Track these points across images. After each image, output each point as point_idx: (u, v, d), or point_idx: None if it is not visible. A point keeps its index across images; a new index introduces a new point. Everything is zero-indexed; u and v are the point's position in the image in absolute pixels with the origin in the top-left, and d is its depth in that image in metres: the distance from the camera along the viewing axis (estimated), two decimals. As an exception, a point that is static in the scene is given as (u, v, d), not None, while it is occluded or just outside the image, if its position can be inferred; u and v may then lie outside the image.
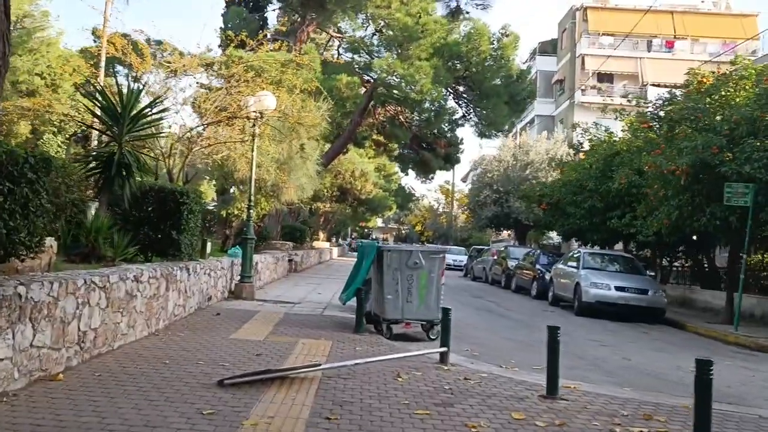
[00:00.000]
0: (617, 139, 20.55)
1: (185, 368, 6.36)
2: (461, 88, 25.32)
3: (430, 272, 10.07)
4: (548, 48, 61.58)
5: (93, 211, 9.01)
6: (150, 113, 9.73)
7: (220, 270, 12.29)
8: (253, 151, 12.99)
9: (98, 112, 9.59)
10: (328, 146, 23.07)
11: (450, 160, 32.09)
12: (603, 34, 54.13)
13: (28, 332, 5.10)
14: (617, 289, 15.60)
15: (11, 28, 3.90)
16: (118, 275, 7.00)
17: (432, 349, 7.97)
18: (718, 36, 52.90)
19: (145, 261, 10.09)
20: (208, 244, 11.89)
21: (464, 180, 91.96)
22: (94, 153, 9.66)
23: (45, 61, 26.64)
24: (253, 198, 13.48)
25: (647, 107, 19.19)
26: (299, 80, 14.34)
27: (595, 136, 22.35)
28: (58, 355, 5.66)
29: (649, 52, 54.62)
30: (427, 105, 24.90)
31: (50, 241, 6.84)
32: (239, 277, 13.39)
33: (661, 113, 16.62)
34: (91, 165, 9.34)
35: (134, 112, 9.33)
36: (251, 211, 13.46)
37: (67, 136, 24.33)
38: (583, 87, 51.90)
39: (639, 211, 16.65)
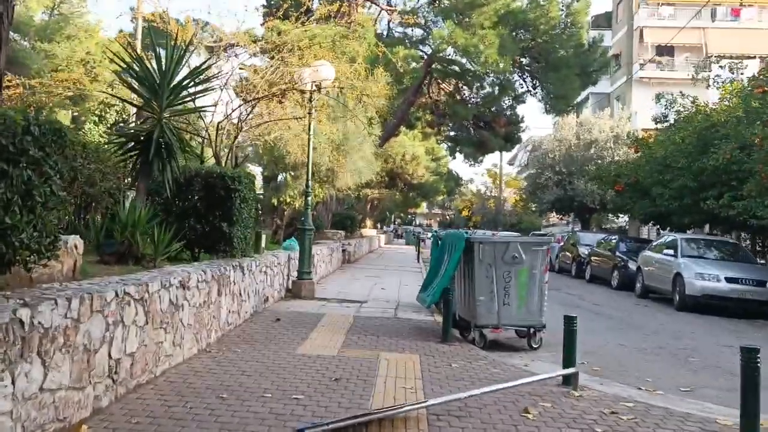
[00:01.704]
0: (713, 108, 18.41)
1: (249, 406, 4.88)
2: (525, 61, 23.39)
3: (532, 268, 8.43)
4: (602, 22, 58.71)
5: (130, 202, 7.60)
6: (193, 84, 8.25)
7: (277, 266, 10.86)
8: (309, 129, 11.48)
9: (135, 85, 8.17)
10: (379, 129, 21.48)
11: (511, 140, 30.20)
12: (662, 4, 51.26)
13: (35, 372, 3.66)
14: (728, 280, 13.68)
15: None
16: (160, 282, 5.55)
17: (557, 371, 6.34)
18: (789, 1, 49.68)
19: (191, 259, 8.72)
20: (263, 237, 10.46)
21: (511, 163, 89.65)
22: (131, 131, 8.25)
23: (83, 48, 25.57)
24: (311, 183, 11.99)
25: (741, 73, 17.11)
26: (362, 47, 12.74)
27: (683, 106, 20.22)
28: (81, 396, 4.22)
29: (713, 21, 51.46)
30: (490, 79, 23.10)
31: (74, 240, 5.41)
32: (297, 273, 11.97)
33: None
34: (127, 146, 7.92)
35: (175, 81, 7.87)
36: (309, 198, 11.98)
37: (108, 124, 23.30)
38: (642, 61, 49.19)
39: (747, 189, 14.64)
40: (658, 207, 19.38)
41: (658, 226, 24.60)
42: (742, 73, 19.08)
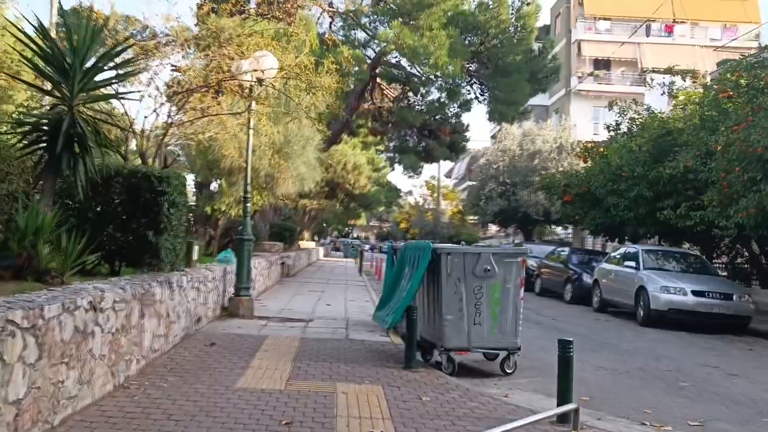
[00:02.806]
0: (669, 116, 18.04)
1: (176, 468, 3.73)
2: (473, 67, 22.70)
3: (505, 282, 7.51)
4: (540, 35, 59.15)
5: (31, 205, 6.30)
6: (113, 66, 7.01)
7: (211, 281, 9.63)
8: (249, 126, 10.33)
9: (41, 64, 6.86)
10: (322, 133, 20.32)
11: (455, 149, 29.46)
12: (599, 18, 52.09)
13: None
14: (695, 293, 13.10)
15: None
16: (62, 304, 4.34)
17: (552, 409, 5.37)
18: (719, 20, 51.24)
19: (110, 274, 7.46)
20: (195, 248, 9.23)
21: (448, 175, 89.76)
22: (34, 119, 6.92)
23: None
24: (249, 188, 10.81)
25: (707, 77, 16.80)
26: (310, 35, 11.62)
27: (637, 113, 19.83)
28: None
29: (647, 36, 52.45)
30: (438, 83, 22.29)
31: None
32: (234, 289, 10.75)
33: (741, 81, 14.13)
34: (30, 137, 6.61)
35: (91, 61, 6.62)
36: (248, 204, 10.80)
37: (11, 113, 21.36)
38: (580, 74, 49.72)
39: (708, 199, 14.18)
40: (612, 217, 18.88)
41: (607, 238, 24.25)
42: (694, 81, 18.87)
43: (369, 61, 22.30)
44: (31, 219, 5.92)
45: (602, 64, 51.93)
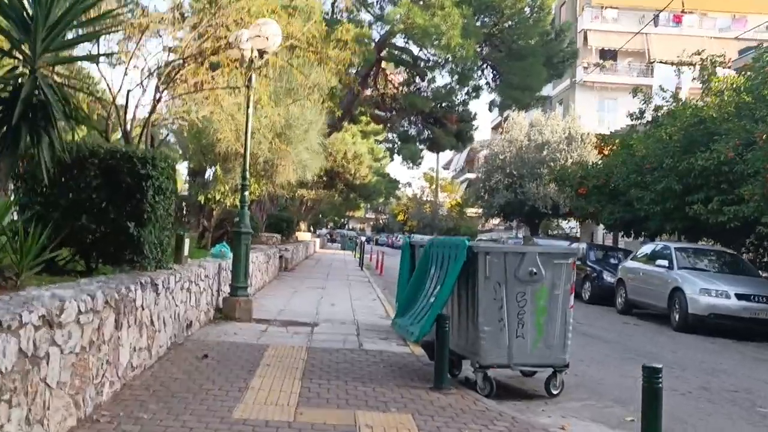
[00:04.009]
0: (703, 104, 16.88)
1: None
2: (485, 51, 21.52)
3: (554, 288, 6.40)
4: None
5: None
6: (85, 23, 5.83)
7: (204, 280, 8.49)
8: (248, 104, 9.17)
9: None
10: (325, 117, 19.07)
11: (462, 138, 28.28)
12: (606, 7, 51.03)
13: None
14: (739, 297, 12.00)
15: None
16: (-2, 322, 3.21)
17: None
18: (728, 10, 50.30)
19: (87, 272, 6.33)
20: (186, 242, 8.07)
21: (446, 167, 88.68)
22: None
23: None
24: (248, 174, 9.67)
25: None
26: (317, 5, 10.42)
27: (666, 100, 18.68)
28: None
29: (655, 27, 51.30)
30: (449, 67, 21.11)
31: None
32: (229, 288, 9.61)
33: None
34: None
35: (58, 12, 5.46)
36: (246, 192, 9.65)
37: None
38: (586, 65, 48.59)
39: (748, 193, 13.07)
40: (635, 211, 17.76)
41: (622, 233, 23.13)
42: (727, 68, 17.74)
43: (375, 42, 21.11)
44: (-23, 206, 4.77)
45: (609, 55, 50.81)
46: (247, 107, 9.14)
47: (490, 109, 33.34)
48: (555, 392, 6.53)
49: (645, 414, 4.28)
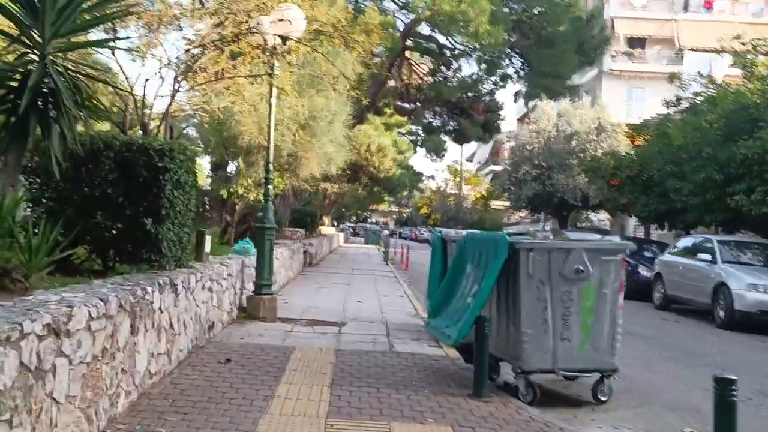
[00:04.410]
0: (747, 89, 16.17)
1: None
2: (514, 38, 20.94)
3: (602, 286, 5.96)
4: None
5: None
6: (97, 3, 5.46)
7: (227, 278, 8.15)
8: (271, 94, 8.80)
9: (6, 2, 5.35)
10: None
11: (489, 129, 27.70)
12: (634, -7, 50.01)
13: None
14: (789, 293, 11.43)
15: None
16: (-6, 333, 2.86)
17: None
18: (761, -6, 49.02)
19: (102, 271, 6.02)
20: (207, 239, 7.72)
21: (470, 160, 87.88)
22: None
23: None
24: (271, 167, 9.30)
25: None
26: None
27: (707, 86, 17.99)
28: None
29: (685, 13, 50.20)
30: (476, 55, 20.57)
31: None
32: (253, 286, 9.27)
33: None
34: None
35: (66, -3, 5.10)
36: (269, 186, 9.29)
37: None
38: (614, 53, 47.54)
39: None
40: (672, 203, 17.14)
41: (655, 225, 22.47)
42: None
43: (400, 31, 20.64)
44: (-18, 202, 4.45)
45: (637, 43, 49.78)
46: (270, 96, 8.77)
47: (515, 100, 32.71)
48: (603, 399, 6.09)
49: (718, 431, 3.82)
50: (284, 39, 8.79)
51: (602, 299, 5.95)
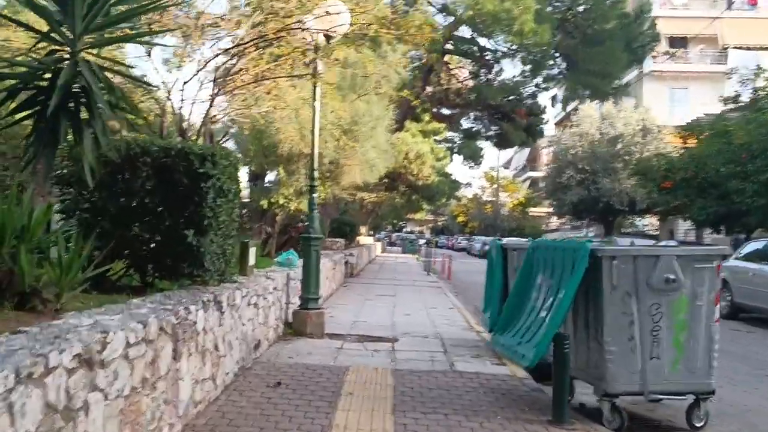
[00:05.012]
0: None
1: None
2: (558, 37, 20.23)
3: (695, 297, 5.31)
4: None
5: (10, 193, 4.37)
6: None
7: (273, 293, 7.65)
8: (314, 95, 8.31)
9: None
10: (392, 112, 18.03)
11: (532, 133, 26.97)
12: (677, -7, 48.93)
13: None
14: None
15: None
16: (14, 368, 2.36)
17: None
18: (807, -9, 47.64)
19: (141, 287, 5.58)
20: (252, 251, 7.24)
21: (506, 166, 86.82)
22: (22, 68, 4.90)
23: None
24: (316, 174, 8.80)
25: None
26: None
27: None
28: None
29: (729, 10, 48.84)
30: (521, 56, 19.91)
31: None
32: (299, 300, 8.76)
33: None
34: (18, 96, 4.69)
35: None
36: (314, 195, 8.79)
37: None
38: (655, 54, 46.32)
39: None
40: (734, 205, 16.25)
41: (711, 230, 21.50)
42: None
43: (442, 32, 20.09)
44: (8, 215, 3.99)
45: (678, 43, 48.61)
46: (314, 97, 8.27)
47: (553, 104, 31.99)
48: (699, 425, 5.42)
49: None
50: (328, 37, 8.32)
51: (696, 312, 5.29)
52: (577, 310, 5.61)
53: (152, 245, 5.65)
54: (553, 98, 26.79)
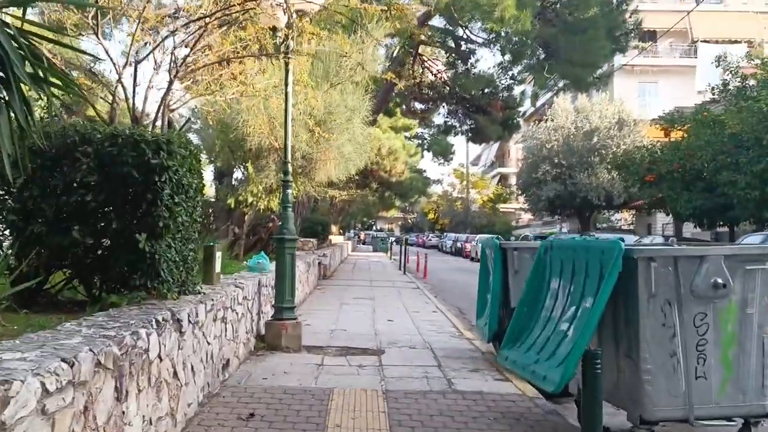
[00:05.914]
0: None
1: None
2: (537, 26, 19.48)
3: (745, 304, 4.51)
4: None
5: None
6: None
7: (242, 303, 6.71)
8: (286, 79, 7.39)
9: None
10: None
11: (508, 127, 26.26)
12: (643, -16, 48.88)
13: None
14: None
15: None
16: None
17: None
18: (774, -16, 47.99)
19: (85, 301, 4.65)
20: (217, 256, 6.29)
21: (475, 163, 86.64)
22: None
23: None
24: (289, 167, 7.87)
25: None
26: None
27: (760, 68, 16.50)
28: None
29: (697, 4, 48.89)
30: (498, 45, 19.14)
31: None
32: (272, 309, 7.84)
33: None
34: None
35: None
36: (289, 191, 7.86)
37: None
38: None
39: None
40: (720, 198, 15.67)
41: (695, 224, 20.98)
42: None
43: (416, 23, 19.23)
44: None
45: (647, 36, 48.51)
46: (286, 82, 7.35)
47: (521, 101, 31.36)
48: (752, 453, 4.63)
49: None
50: (300, 15, 7.41)
51: (746, 322, 4.51)
52: (603, 320, 4.78)
53: (99, 252, 4.73)
54: (522, 93, 26.10)
